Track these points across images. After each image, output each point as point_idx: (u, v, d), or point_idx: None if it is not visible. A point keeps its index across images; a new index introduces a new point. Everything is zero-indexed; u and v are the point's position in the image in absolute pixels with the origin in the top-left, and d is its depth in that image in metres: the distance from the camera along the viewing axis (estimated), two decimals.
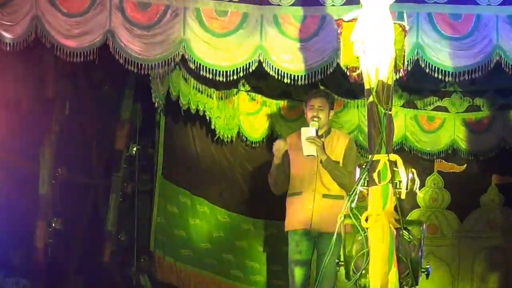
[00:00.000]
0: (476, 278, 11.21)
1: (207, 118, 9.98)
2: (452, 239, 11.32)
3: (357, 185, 6.20)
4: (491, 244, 11.26)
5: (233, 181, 10.95)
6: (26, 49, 7.62)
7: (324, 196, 7.48)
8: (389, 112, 6.17)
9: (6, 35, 7.48)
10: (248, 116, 10.70)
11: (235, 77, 7.81)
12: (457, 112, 10.88)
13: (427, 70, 7.58)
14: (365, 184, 6.19)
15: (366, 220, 6.07)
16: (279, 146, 7.61)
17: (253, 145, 10.77)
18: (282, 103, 10.78)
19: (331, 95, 8.03)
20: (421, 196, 11.25)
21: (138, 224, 10.16)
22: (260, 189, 10.61)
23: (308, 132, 7.34)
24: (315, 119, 7.47)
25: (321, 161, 7.42)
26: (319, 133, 7.46)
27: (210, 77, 7.82)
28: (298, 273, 7.58)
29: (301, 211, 7.51)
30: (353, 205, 6.23)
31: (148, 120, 10.38)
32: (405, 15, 7.07)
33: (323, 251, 7.32)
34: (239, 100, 10.55)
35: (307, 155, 7.39)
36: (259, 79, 10.00)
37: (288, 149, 7.62)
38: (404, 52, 6.41)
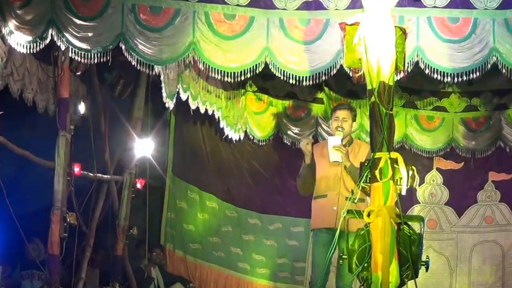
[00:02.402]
0: (473, 271, 11.38)
1: (216, 117, 10.08)
2: (450, 234, 11.49)
3: (359, 182, 6.29)
4: (487, 239, 11.43)
5: (241, 178, 11.14)
6: (42, 50, 7.72)
7: (347, 198, 7.39)
8: (390, 112, 6.24)
9: (23, 37, 7.55)
10: (255, 115, 10.87)
11: (242, 78, 7.90)
12: (455, 112, 11.05)
13: (426, 72, 7.66)
14: (367, 181, 6.26)
15: (368, 215, 6.17)
16: (304, 142, 7.84)
17: (260, 143, 10.93)
18: (287, 103, 10.93)
19: (354, 108, 8.15)
20: (421, 192, 11.48)
21: (149, 219, 10.25)
22: (267, 185, 10.86)
23: (334, 141, 7.58)
24: (339, 129, 7.68)
25: (345, 167, 7.63)
26: (343, 142, 7.68)
27: (219, 78, 7.95)
28: (321, 267, 7.67)
29: (327, 212, 7.68)
30: (356, 201, 6.38)
31: (159, 119, 10.58)
32: (405, 18, 7.39)
33: None
34: (247, 100, 10.72)
35: (333, 161, 7.61)
36: (266, 80, 10.25)
37: (314, 156, 7.80)
38: (405, 54, 6.49)
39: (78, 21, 7.62)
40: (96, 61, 7.71)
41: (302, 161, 7.87)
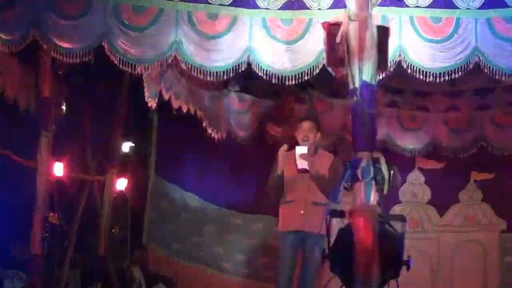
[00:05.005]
0: (455, 270, 11.39)
1: (198, 117, 10.03)
2: (432, 233, 11.55)
3: (341, 182, 6.25)
4: (469, 238, 11.50)
5: (223, 178, 11.15)
6: (24, 49, 7.66)
7: (313, 203, 7.87)
8: (373, 112, 6.24)
9: (5, 36, 7.53)
10: (238, 115, 10.82)
11: (225, 77, 7.90)
12: (437, 112, 11.03)
13: (409, 71, 7.66)
14: (350, 181, 6.21)
15: (351, 214, 6.15)
16: (283, 149, 8.03)
17: (243, 143, 10.87)
18: (270, 103, 10.91)
19: (318, 120, 8.39)
20: (403, 191, 11.53)
21: (131, 219, 10.29)
22: (250, 185, 10.86)
23: (301, 150, 7.93)
24: (305, 139, 8.00)
25: (311, 174, 7.90)
26: (310, 152, 7.92)
27: (201, 78, 7.89)
28: (287, 268, 7.95)
29: (294, 216, 7.94)
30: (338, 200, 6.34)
31: (141, 119, 10.58)
32: (388, 18, 7.38)
33: (309, 249, 7.82)
34: (229, 100, 10.66)
35: (300, 168, 7.90)
36: (249, 80, 10.15)
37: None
38: (387, 53, 6.45)
39: (60, 21, 7.55)
40: (78, 60, 7.64)
41: (273, 168, 8.05)
